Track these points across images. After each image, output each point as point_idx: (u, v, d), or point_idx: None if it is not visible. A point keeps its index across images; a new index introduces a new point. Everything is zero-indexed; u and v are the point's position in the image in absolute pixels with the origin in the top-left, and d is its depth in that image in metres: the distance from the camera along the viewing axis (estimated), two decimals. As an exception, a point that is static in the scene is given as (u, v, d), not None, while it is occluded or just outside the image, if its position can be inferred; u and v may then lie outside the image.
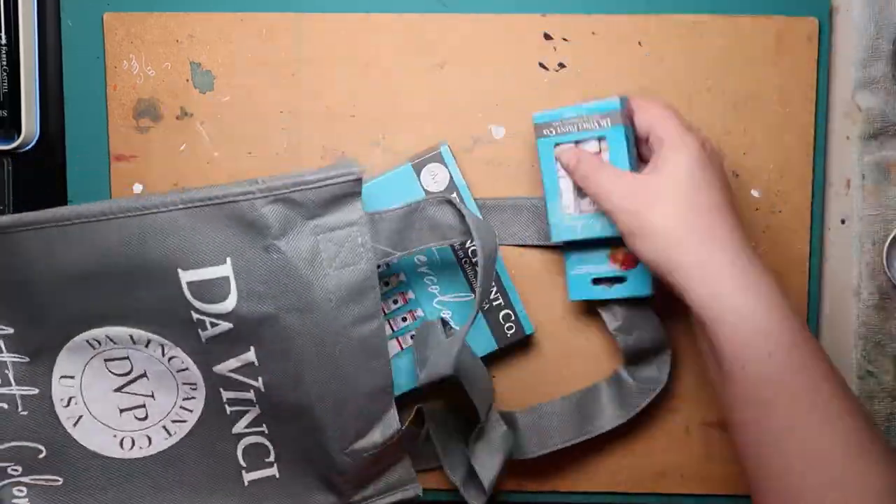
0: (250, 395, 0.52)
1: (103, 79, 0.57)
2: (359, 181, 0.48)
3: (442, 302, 0.55)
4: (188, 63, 0.56)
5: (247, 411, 0.53)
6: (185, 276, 0.48)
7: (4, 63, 0.54)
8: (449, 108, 0.57)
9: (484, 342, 0.55)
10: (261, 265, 0.48)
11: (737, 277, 0.44)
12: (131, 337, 0.51)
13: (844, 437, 0.42)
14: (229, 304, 0.48)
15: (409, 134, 0.57)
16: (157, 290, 0.48)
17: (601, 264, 0.54)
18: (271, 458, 0.54)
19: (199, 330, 0.49)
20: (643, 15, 0.56)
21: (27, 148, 0.56)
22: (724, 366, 0.45)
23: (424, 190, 0.54)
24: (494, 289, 0.55)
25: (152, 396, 0.53)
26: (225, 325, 0.49)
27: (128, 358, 0.52)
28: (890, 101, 0.57)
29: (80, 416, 0.53)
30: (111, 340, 0.51)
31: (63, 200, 0.58)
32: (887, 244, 0.56)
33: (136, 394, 0.53)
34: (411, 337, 0.55)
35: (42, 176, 0.57)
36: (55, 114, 0.57)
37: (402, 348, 0.56)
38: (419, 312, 0.55)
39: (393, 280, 0.55)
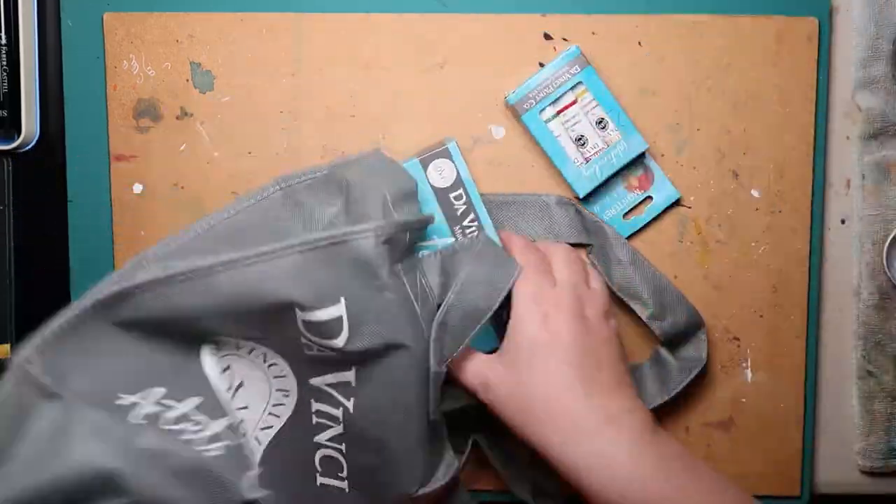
0: (338, 412, 0.50)
1: (103, 79, 0.57)
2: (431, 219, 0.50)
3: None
4: (188, 63, 0.56)
5: (331, 426, 0.51)
6: (302, 316, 0.46)
7: (4, 63, 0.54)
8: (449, 108, 0.57)
9: (486, 338, 0.55)
10: (373, 305, 0.47)
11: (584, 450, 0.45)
12: (237, 344, 0.49)
13: None
14: (340, 341, 0.47)
15: (409, 134, 0.57)
16: (271, 324, 0.47)
17: (623, 197, 0.57)
18: (344, 475, 0.52)
19: (306, 350, 0.48)
20: (643, 15, 0.56)
21: (27, 148, 0.56)
22: None
23: (431, 186, 0.54)
24: None
25: (246, 408, 0.50)
26: (331, 354, 0.48)
27: (229, 368, 0.49)
28: (890, 101, 0.57)
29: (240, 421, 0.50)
30: (216, 345, 0.49)
31: (63, 200, 0.58)
32: (887, 244, 0.56)
33: (237, 408, 0.51)
34: None
35: (42, 176, 0.57)
36: (55, 114, 0.57)
37: None
38: None
39: None
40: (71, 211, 0.58)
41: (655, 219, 0.57)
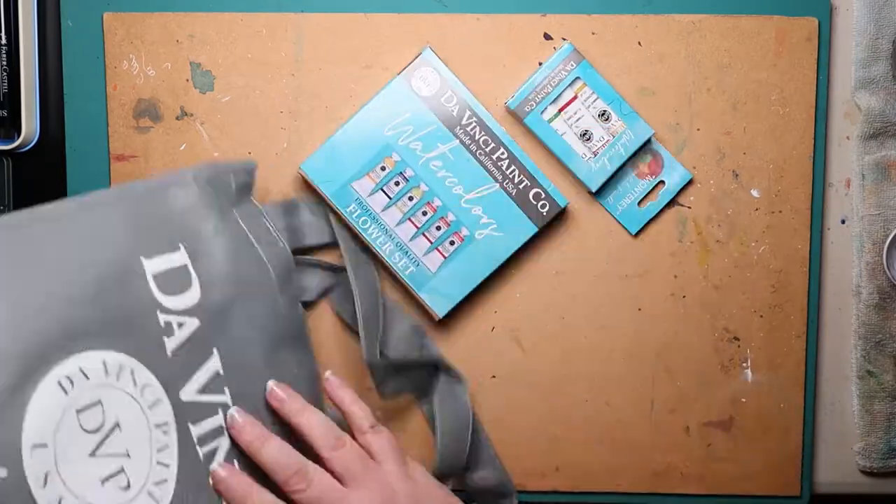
0: (219, 418, 0.46)
1: (103, 79, 0.57)
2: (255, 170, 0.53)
3: (470, 200, 0.55)
4: (188, 63, 0.56)
5: (216, 448, 0.46)
6: (150, 267, 0.43)
7: (4, 63, 0.54)
8: (449, 108, 0.57)
9: (522, 228, 0.56)
10: (213, 249, 0.47)
11: None
12: (105, 364, 0.40)
13: None
14: (194, 294, 0.45)
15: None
16: (125, 290, 0.42)
17: (635, 185, 0.57)
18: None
19: (165, 338, 0.43)
20: (643, 15, 0.56)
21: (27, 148, 0.56)
22: None
23: (419, 97, 0.55)
24: (517, 171, 0.55)
25: (128, 455, 0.41)
26: (192, 323, 0.45)
27: (100, 403, 0.40)
28: (890, 101, 0.57)
29: (61, 499, 0.38)
30: (84, 375, 0.40)
31: (63, 200, 0.58)
32: (887, 244, 0.56)
33: (112, 455, 0.40)
34: (450, 244, 0.55)
35: (42, 176, 0.57)
36: (55, 114, 0.57)
37: (444, 257, 0.56)
38: (451, 217, 0.55)
39: (416, 192, 0.55)
40: (71, 211, 0.58)
41: (655, 217, 0.57)
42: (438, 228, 0.56)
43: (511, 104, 0.55)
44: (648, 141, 0.56)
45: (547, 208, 0.56)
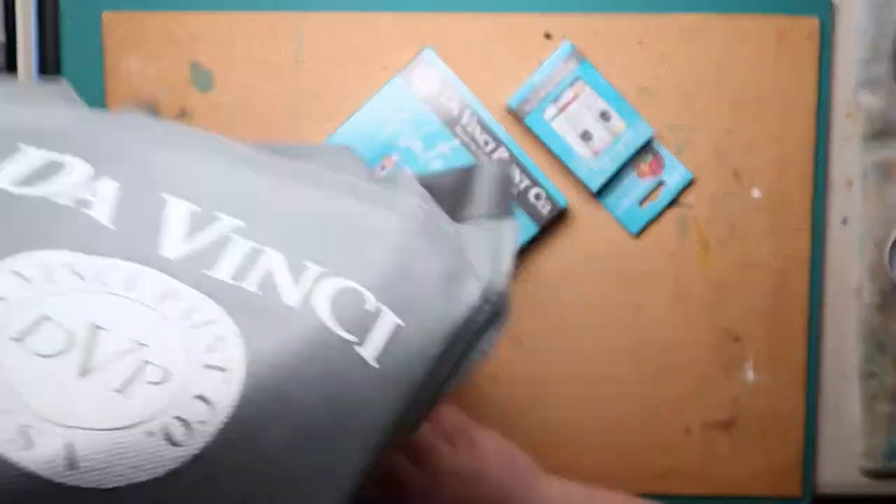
0: (243, 242, 0.34)
1: (102, 78, 0.57)
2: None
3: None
4: (188, 63, 0.56)
5: (268, 269, 0.34)
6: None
7: (4, 63, 0.54)
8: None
9: (522, 228, 0.56)
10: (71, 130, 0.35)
11: None
12: (18, 274, 0.30)
13: None
14: (80, 167, 0.34)
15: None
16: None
17: (636, 185, 0.56)
18: (368, 298, 0.33)
19: (87, 211, 0.33)
20: (644, 14, 0.56)
21: (27, 147, 0.56)
22: None
23: (419, 96, 0.55)
24: (518, 171, 0.55)
25: (142, 345, 0.30)
26: (108, 185, 0.34)
27: (48, 319, 0.29)
28: (892, 101, 0.57)
29: (76, 446, 0.27)
30: None
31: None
32: (889, 244, 0.56)
33: (114, 358, 0.30)
34: None
35: (42, 175, 0.57)
36: (55, 113, 0.57)
37: None
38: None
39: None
40: (71, 211, 0.58)
41: (656, 218, 0.57)
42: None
43: (511, 104, 0.55)
44: (649, 141, 0.56)
45: (547, 208, 0.56)
